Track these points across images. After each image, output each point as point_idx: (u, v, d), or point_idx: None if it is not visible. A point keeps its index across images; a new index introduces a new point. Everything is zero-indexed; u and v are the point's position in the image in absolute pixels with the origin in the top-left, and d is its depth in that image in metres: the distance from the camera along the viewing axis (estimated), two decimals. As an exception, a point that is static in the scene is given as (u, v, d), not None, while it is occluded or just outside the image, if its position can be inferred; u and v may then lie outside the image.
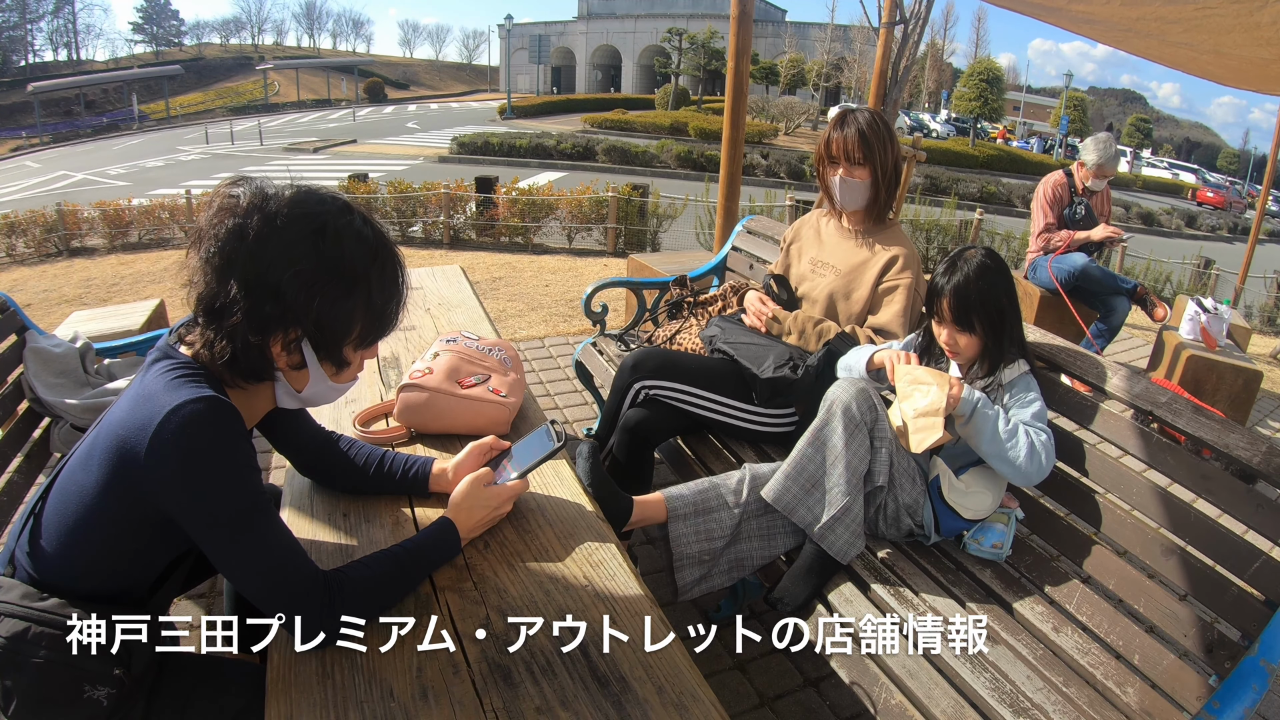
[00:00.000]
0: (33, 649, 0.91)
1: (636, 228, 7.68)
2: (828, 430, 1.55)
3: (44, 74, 45.14)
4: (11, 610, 0.93)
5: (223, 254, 0.92)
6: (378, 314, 1.02)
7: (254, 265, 0.91)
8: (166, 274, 6.67)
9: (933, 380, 1.49)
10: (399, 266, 1.03)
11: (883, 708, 1.29)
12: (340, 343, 1.00)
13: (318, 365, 1.01)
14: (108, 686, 0.94)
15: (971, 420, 1.51)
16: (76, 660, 0.92)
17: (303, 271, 0.93)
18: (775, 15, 48.19)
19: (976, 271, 1.55)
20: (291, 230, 0.93)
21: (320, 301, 0.95)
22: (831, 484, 1.53)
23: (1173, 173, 36.59)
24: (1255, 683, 1.16)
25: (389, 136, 24.46)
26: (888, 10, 4.31)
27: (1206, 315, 3.69)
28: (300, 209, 0.95)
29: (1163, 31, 2.40)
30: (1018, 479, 1.53)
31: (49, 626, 0.93)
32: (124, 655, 0.95)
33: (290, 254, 0.92)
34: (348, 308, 0.98)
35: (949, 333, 1.59)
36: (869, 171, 1.92)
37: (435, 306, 2.24)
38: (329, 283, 0.95)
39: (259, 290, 0.92)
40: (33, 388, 1.97)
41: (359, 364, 1.08)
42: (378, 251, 1.00)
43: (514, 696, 0.91)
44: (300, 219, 0.94)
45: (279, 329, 0.95)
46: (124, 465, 0.90)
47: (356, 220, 0.99)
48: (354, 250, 0.97)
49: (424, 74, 64.88)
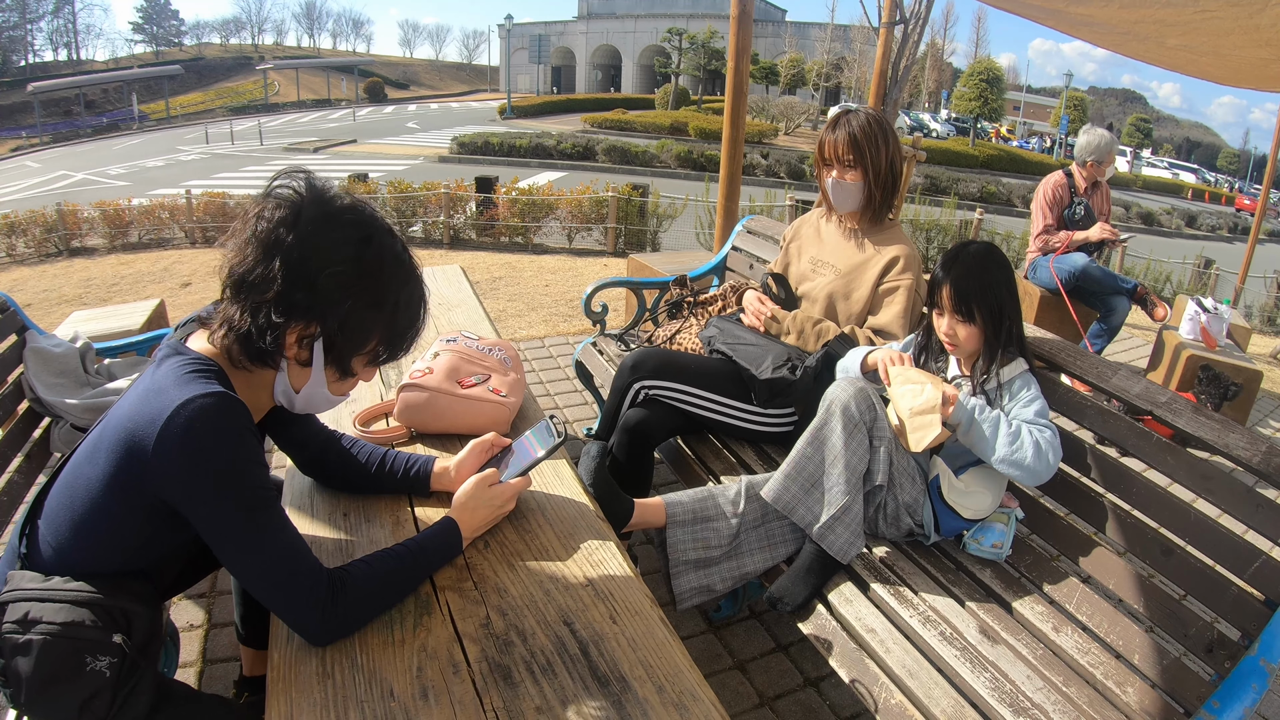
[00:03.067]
0: (35, 626, 0.92)
1: (636, 228, 7.68)
2: (826, 430, 1.55)
3: (44, 74, 45.16)
4: (17, 595, 0.94)
5: (272, 234, 0.95)
6: (396, 335, 1.05)
7: (299, 251, 0.94)
8: (167, 274, 6.67)
9: (924, 379, 1.50)
10: (424, 299, 1.07)
11: (883, 708, 1.29)
12: (354, 352, 1.02)
13: (322, 369, 1.02)
14: (109, 655, 0.93)
15: (971, 430, 1.51)
16: (72, 629, 0.92)
17: (341, 273, 0.96)
18: (775, 15, 48.20)
19: (978, 262, 1.57)
20: (341, 232, 0.97)
21: (350, 305, 0.97)
22: (831, 483, 1.53)
23: (1173, 172, 36.61)
24: (1255, 682, 1.16)
25: (389, 136, 24.46)
26: (888, 10, 4.31)
27: (1206, 315, 3.70)
28: (354, 215, 0.99)
29: (1161, 34, 2.40)
30: (1028, 480, 1.53)
31: (49, 601, 0.93)
32: (122, 621, 0.95)
33: (335, 253, 0.96)
34: (371, 320, 1.01)
35: (949, 323, 1.60)
36: (861, 174, 1.92)
37: (435, 306, 2.24)
38: (361, 292, 0.98)
39: (297, 276, 0.94)
40: (33, 388, 1.97)
41: (356, 381, 1.09)
42: (409, 278, 1.04)
43: (514, 696, 0.91)
44: (352, 225, 0.98)
45: (301, 319, 0.97)
46: (131, 457, 0.91)
47: (398, 244, 1.03)
48: (391, 269, 1.01)
49: (424, 74, 64.89)
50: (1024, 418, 1.53)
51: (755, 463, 1.90)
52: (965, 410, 1.51)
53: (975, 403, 1.53)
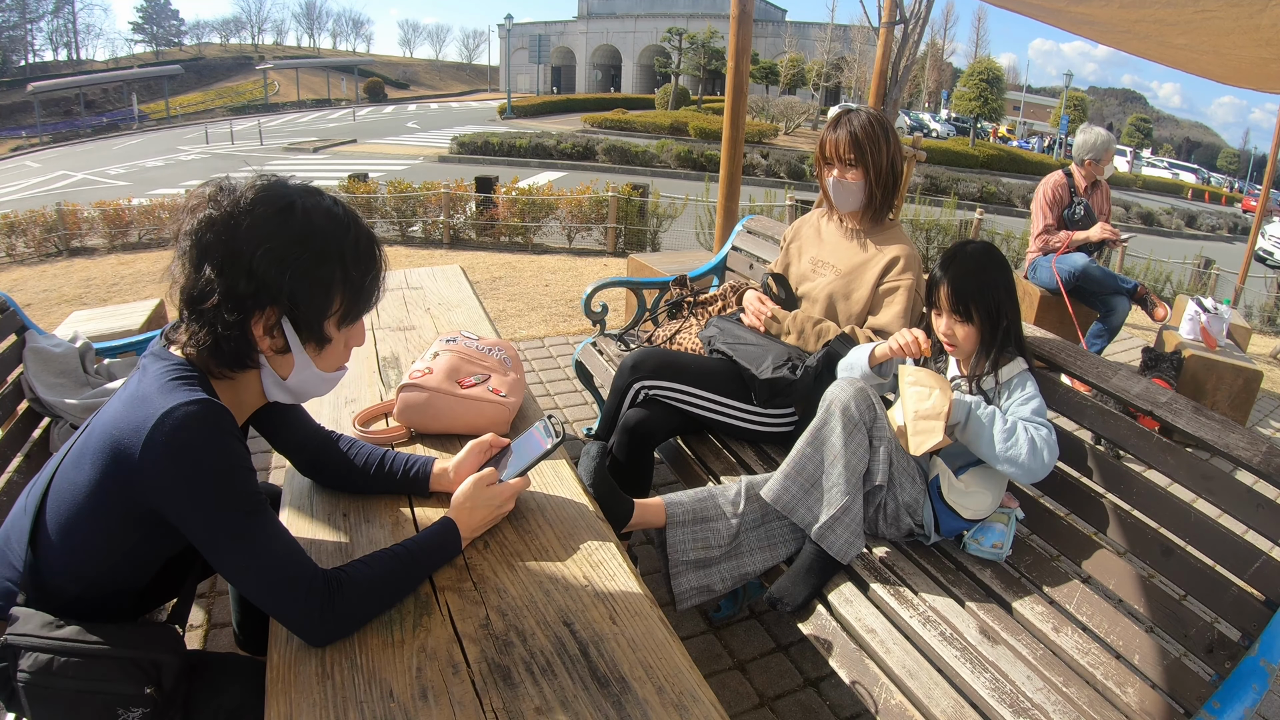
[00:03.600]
0: (59, 680, 0.91)
1: (636, 228, 7.68)
2: (826, 430, 1.55)
3: (44, 74, 45.13)
4: (34, 643, 0.92)
5: (196, 242, 0.94)
6: (355, 287, 1.03)
7: (225, 247, 0.93)
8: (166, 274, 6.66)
9: (934, 384, 1.49)
10: (373, 241, 1.05)
11: (883, 708, 1.29)
12: (320, 318, 1.01)
13: (301, 348, 1.01)
14: (141, 707, 0.94)
15: (967, 425, 1.51)
16: (107, 685, 0.92)
17: (273, 248, 0.94)
18: (775, 15, 48.19)
19: (976, 262, 1.57)
20: (260, 210, 0.95)
21: (291, 275, 0.96)
22: (830, 484, 1.53)
23: (1173, 173, 36.59)
24: (1255, 683, 1.16)
25: (389, 136, 24.45)
26: (888, 10, 4.31)
27: (1206, 315, 3.70)
28: (266, 192, 0.97)
29: (1162, 33, 2.40)
30: (1022, 477, 1.53)
31: (74, 655, 0.92)
32: (152, 672, 0.95)
33: (259, 231, 0.94)
34: (323, 279, 0.99)
35: (947, 323, 1.60)
36: (861, 173, 1.91)
37: (435, 306, 2.24)
38: (299, 255, 0.96)
39: (232, 270, 0.93)
40: (33, 388, 1.97)
41: (345, 348, 1.08)
42: (349, 226, 1.01)
43: (514, 696, 0.91)
44: (267, 200, 0.96)
45: (256, 308, 0.96)
46: (116, 465, 0.91)
47: (325, 200, 1.01)
48: (323, 223, 0.98)
49: (424, 74, 64.87)
50: (1021, 416, 1.53)
51: (755, 463, 1.90)
52: (962, 406, 1.50)
53: (971, 400, 1.53)
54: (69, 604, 0.98)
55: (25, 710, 0.92)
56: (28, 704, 0.92)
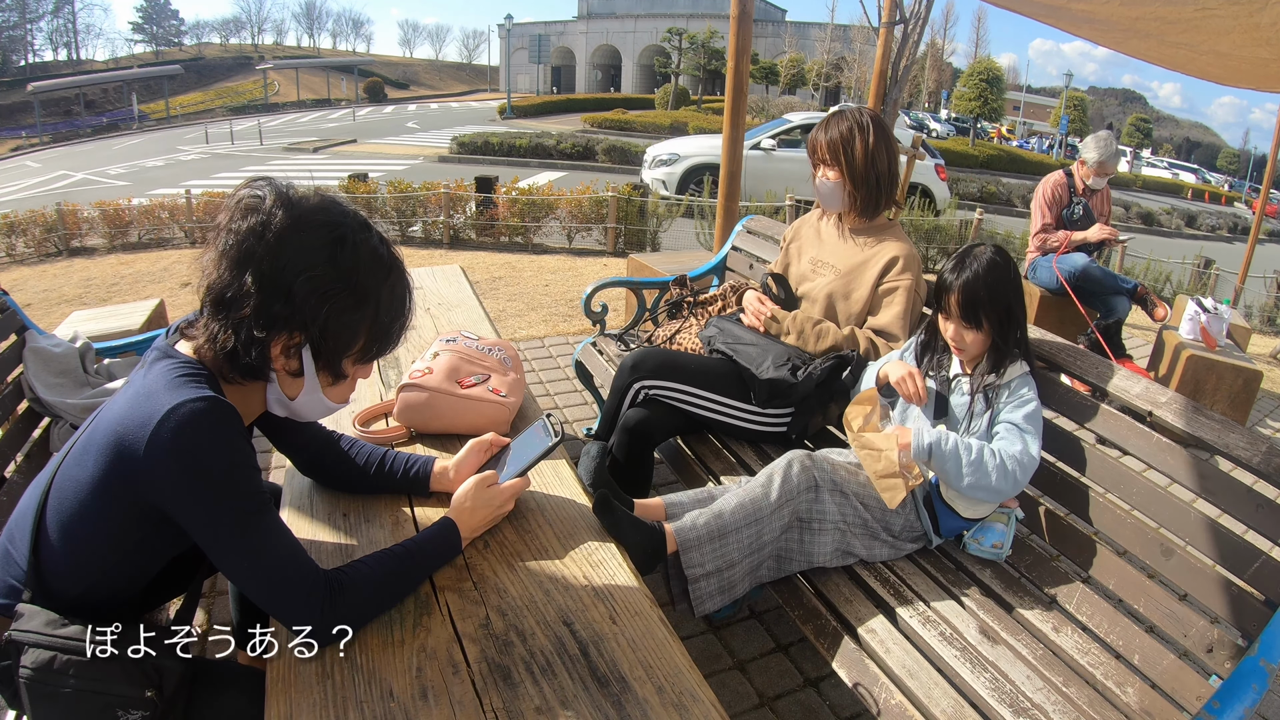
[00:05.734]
0: (61, 678, 0.91)
1: (636, 227, 7.67)
2: (762, 491, 1.50)
3: (44, 74, 45.12)
4: (37, 640, 0.93)
5: (241, 247, 0.93)
6: (382, 332, 1.03)
7: (271, 262, 0.92)
8: (166, 274, 6.67)
9: (882, 445, 1.51)
10: (408, 290, 1.05)
11: (883, 708, 1.29)
12: (341, 355, 1.01)
13: (314, 375, 1.01)
14: (141, 710, 0.94)
15: (930, 461, 1.52)
16: (108, 686, 0.92)
17: (317, 277, 0.94)
18: (775, 15, 48.17)
19: (986, 269, 1.55)
20: (312, 235, 0.94)
21: (329, 310, 0.95)
22: (733, 543, 1.46)
23: (1173, 173, 36.61)
24: (1255, 683, 1.16)
25: (389, 136, 24.43)
26: (888, 10, 4.31)
27: (1206, 315, 3.69)
28: (323, 215, 0.96)
29: (1162, 32, 2.39)
30: (994, 499, 1.56)
31: (76, 654, 0.92)
32: (154, 676, 0.95)
33: (308, 258, 0.93)
34: (354, 321, 0.99)
35: (955, 329, 1.59)
36: (839, 172, 1.93)
37: (435, 306, 2.24)
38: (340, 293, 0.96)
39: (271, 287, 0.92)
40: (33, 388, 1.97)
41: (353, 382, 1.08)
42: (390, 271, 1.01)
43: (514, 696, 0.91)
44: (322, 226, 0.95)
45: (284, 330, 0.95)
46: (121, 461, 0.90)
47: (374, 238, 1.00)
48: (369, 266, 0.98)
49: (424, 74, 64.86)
50: (1012, 420, 1.53)
51: (755, 463, 1.90)
52: (923, 450, 1.50)
53: (932, 438, 1.51)
54: (72, 602, 0.98)
55: (26, 708, 0.93)
56: (29, 702, 0.92)
